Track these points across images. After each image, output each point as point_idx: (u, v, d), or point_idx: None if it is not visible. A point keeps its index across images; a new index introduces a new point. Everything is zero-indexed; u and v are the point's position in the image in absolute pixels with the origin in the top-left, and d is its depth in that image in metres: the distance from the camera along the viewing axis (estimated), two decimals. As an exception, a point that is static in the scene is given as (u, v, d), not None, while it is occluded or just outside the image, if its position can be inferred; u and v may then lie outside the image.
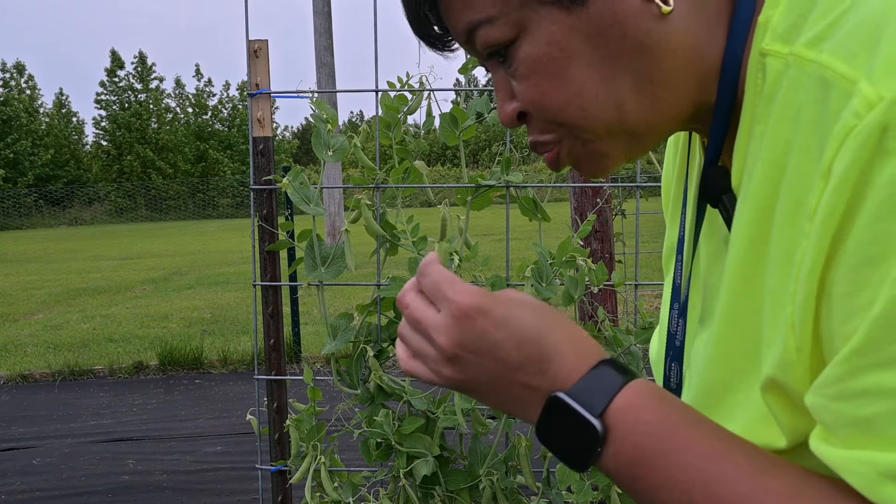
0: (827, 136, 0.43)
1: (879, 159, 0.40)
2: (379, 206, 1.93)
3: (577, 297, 1.81)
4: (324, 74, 13.08)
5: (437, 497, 1.83)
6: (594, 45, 0.55)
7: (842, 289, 0.43)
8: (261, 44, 2.01)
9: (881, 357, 0.41)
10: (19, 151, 35.27)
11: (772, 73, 0.51)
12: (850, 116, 0.41)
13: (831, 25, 0.46)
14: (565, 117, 0.58)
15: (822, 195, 0.43)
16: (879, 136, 0.40)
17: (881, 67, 0.41)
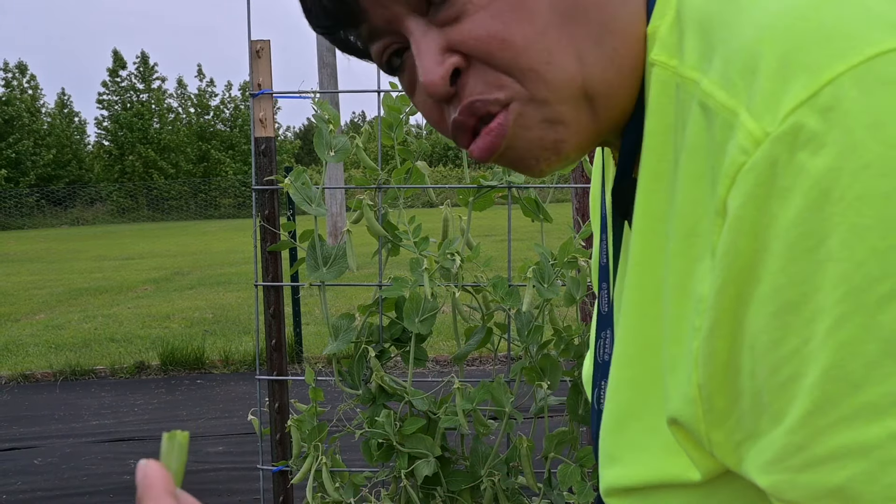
0: (716, 170, 0.42)
1: (777, 199, 0.39)
2: (381, 206, 1.93)
3: (579, 298, 1.81)
4: (326, 75, 13.08)
5: (439, 498, 1.83)
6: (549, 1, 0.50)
7: (765, 337, 0.40)
8: (263, 44, 2.02)
9: (843, 412, 0.37)
10: (21, 151, 35.32)
11: (657, 84, 0.49)
12: (738, 153, 0.40)
13: (709, 44, 0.45)
14: (528, 60, 0.50)
15: (720, 232, 0.42)
16: (770, 173, 0.39)
17: (761, 101, 0.40)
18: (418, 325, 1.82)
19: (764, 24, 0.42)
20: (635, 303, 0.52)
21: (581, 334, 1.84)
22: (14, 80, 38.38)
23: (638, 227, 0.52)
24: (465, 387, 1.82)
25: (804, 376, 0.38)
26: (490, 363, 5.64)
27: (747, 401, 0.42)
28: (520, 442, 1.80)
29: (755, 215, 0.40)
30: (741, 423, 0.43)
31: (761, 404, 0.41)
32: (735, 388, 0.43)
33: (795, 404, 0.39)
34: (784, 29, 0.41)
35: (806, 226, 0.38)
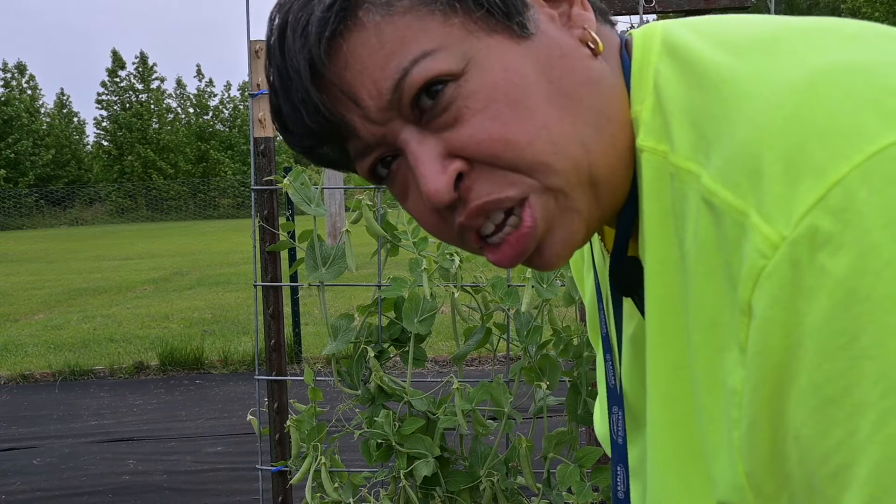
0: (733, 268, 0.43)
1: (803, 299, 0.40)
2: (380, 206, 1.93)
3: (578, 299, 1.81)
4: (325, 75, 13.08)
5: (438, 498, 1.83)
6: (548, 78, 0.52)
7: (809, 431, 0.41)
8: (262, 44, 2.01)
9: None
10: (20, 151, 35.30)
11: (648, 170, 0.50)
12: (757, 256, 0.41)
13: (703, 138, 0.46)
14: (534, 154, 0.50)
15: (748, 330, 0.43)
16: (793, 275, 0.40)
17: (771, 204, 0.41)
18: (417, 325, 1.82)
19: (759, 124, 0.43)
20: (658, 386, 0.53)
21: (580, 334, 1.84)
22: (13, 80, 38.39)
23: (651, 313, 0.53)
24: (464, 387, 1.82)
25: (856, 466, 0.39)
26: (489, 363, 5.64)
27: (798, 484, 0.43)
28: (519, 442, 1.80)
29: (783, 316, 0.41)
30: (794, 503, 0.44)
31: (814, 490, 0.42)
32: (783, 474, 0.44)
33: (850, 494, 0.40)
34: (780, 129, 0.42)
35: (836, 325, 0.39)
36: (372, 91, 0.51)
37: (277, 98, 0.54)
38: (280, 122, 0.55)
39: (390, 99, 0.51)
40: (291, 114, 0.53)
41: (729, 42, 0.49)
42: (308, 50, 0.51)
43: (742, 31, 0.50)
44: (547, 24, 0.54)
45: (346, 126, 0.53)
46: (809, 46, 0.45)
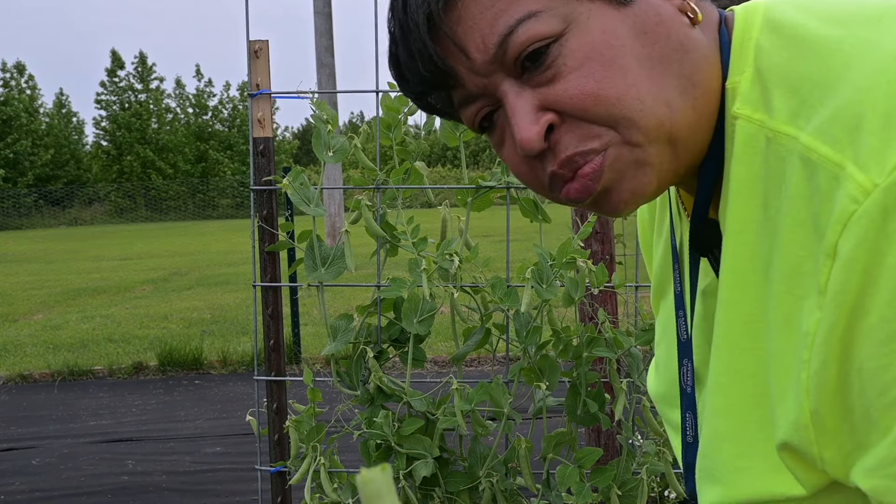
0: (823, 216, 0.47)
1: (886, 241, 0.44)
2: (379, 206, 1.92)
3: (578, 299, 1.81)
4: (324, 75, 13.08)
5: (437, 498, 1.83)
6: (642, 43, 0.55)
7: (872, 363, 0.45)
8: (261, 44, 2.01)
9: None
10: (19, 151, 35.26)
11: (742, 135, 0.54)
12: (848, 202, 0.45)
13: (804, 103, 0.50)
14: (622, 109, 0.55)
15: (829, 272, 0.47)
16: (882, 219, 0.44)
17: (867, 155, 0.45)
18: (417, 325, 1.82)
19: (863, 87, 0.47)
20: (727, 337, 0.57)
21: (580, 335, 1.84)
22: (12, 79, 38.34)
23: (727, 269, 0.57)
24: (463, 387, 1.82)
25: None
26: (489, 364, 5.64)
27: (858, 416, 0.48)
28: (518, 443, 1.80)
29: (866, 256, 0.45)
30: (852, 435, 0.49)
31: (870, 420, 0.47)
32: (845, 407, 0.49)
33: None
34: (883, 91, 0.46)
35: None
36: (479, 45, 0.56)
37: (396, 47, 0.60)
38: (397, 69, 0.61)
39: (495, 53, 0.56)
40: (408, 62, 0.59)
41: (833, 16, 0.53)
42: (427, 5, 0.56)
43: (845, 6, 0.54)
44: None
45: (455, 76, 0.58)
46: None
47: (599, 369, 1.95)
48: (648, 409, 1.92)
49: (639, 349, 1.86)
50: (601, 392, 1.86)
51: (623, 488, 1.84)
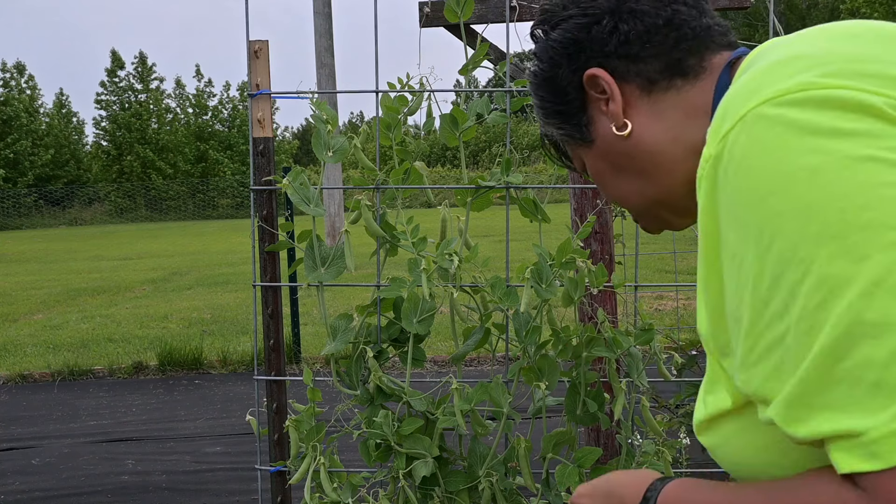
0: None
1: (717, 185, 0.64)
2: (379, 206, 1.93)
3: (577, 299, 1.81)
4: (324, 75, 13.07)
5: (437, 498, 1.83)
6: (607, 162, 0.87)
7: (729, 285, 0.64)
8: (261, 44, 2.01)
9: (764, 324, 0.60)
10: (19, 151, 35.22)
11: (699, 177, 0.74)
12: (699, 169, 0.67)
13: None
14: (620, 202, 0.91)
15: (698, 221, 0.68)
16: (713, 172, 0.64)
17: (710, 137, 0.66)
18: (416, 325, 1.82)
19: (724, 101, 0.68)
20: (699, 275, 0.75)
21: (579, 334, 1.84)
22: (12, 79, 38.30)
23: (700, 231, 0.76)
24: (463, 387, 1.82)
25: (743, 304, 0.61)
26: (488, 363, 5.64)
27: (731, 329, 0.64)
28: (518, 442, 1.80)
29: (707, 200, 0.66)
30: (734, 349, 0.64)
31: (733, 331, 0.64)
32: (724, 323, 0.66)
33: (742, 323, 0.62)
34: (728, 97, 0.67)
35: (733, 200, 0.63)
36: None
37: None
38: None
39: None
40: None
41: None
42: None
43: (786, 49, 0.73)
44: (601, 128, 0.85)
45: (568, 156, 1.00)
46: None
47: (599, 369, 1.95)
48: (648, 409, 1.92)
49: (638, 349, 1.86)
50: (601, 392, 1.86)
51: (622, 488, 1.84)
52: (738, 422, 0.68)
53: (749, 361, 0.61)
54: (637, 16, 0.82)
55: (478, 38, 2.21)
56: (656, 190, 0.84)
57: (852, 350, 0.54)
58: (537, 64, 0.89)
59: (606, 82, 0.83)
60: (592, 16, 0.84)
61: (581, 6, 0.85)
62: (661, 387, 3.94)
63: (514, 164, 1.90)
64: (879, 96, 0.59)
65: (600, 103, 0.85)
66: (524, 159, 2.03)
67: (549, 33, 0.88)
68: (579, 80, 0.85)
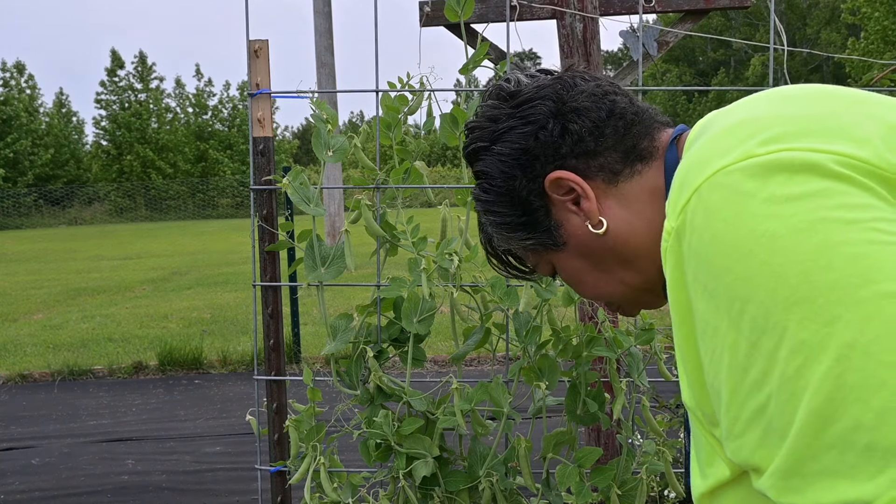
0: None
1: (682, 259, 0.65)
2: (379, 206, 1.92)
3: (578, 299, 1.81)
4: (324, 74, 13.07)
5: (437, 498, 1.83)
6: (584, 260, 0.87)
7: (705, 360, 0.64)
8: (261, 44, 2.01)
9: (741, 396, 0.59)
10: (19, 151, 35.22)
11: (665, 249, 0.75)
12: (664, 243, 0.67)
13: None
14: (598, 298, 0.93)
15: (667, 296, 0.68)
16: (678, 245, 0.65)
17: (669, 210, 0.67)
18: (416, 325, 1.82)
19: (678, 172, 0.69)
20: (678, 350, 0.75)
21: (579, 334, 1.84)
22: (12, 79, 38.30)
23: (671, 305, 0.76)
24: (463, 387, 1.82)
25: (721, 373, 0.61)
26: (488, 363, 5.64)
27: (713, 399, 0.64)
28: (518, 442, 1.80)
29: (674, 273, 0.66)
30: (719, 419, 0.63)
31: (715, 402, 0.63)
32: (706, 392, 0.65)
33: (723, 393, 0.61)
34: (684, 168, 0.68)
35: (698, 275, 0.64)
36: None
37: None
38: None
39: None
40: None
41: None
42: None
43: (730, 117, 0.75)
44: (572, 228, 0.85)
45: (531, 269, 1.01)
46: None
47: (599, 369, 1.95)
48: (648, 409, 1.92)
49: (638, 349, 1.86)
50: (601, 391, 1.86)
51: (623, 488, 1.84)
52: (740, 490, 0.67)
53: (735, 432, 0.60)
54: (582, 113, 0.83)
55: (478, 38, 2.20)
56: (640, 277, 0.85)
57: (838, 414, 0.53)
58: (488, 182, 0.88)
59: (575, 182, 0.82)
60: (535, 122, 0.84)
61: (518, 117, 0.85)
62: (662, 386, 3.93)
63: (515, 163, 1.89)
64: (823, 153, 0.60)
65: (566, 204, 0.84)
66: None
67: (490, 149, 0.87)
68: (540, 187, 0.84)
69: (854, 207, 0.57)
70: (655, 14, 3.51)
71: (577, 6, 2.44)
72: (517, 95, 0.86)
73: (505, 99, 0.87)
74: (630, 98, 0.87)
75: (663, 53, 3.31)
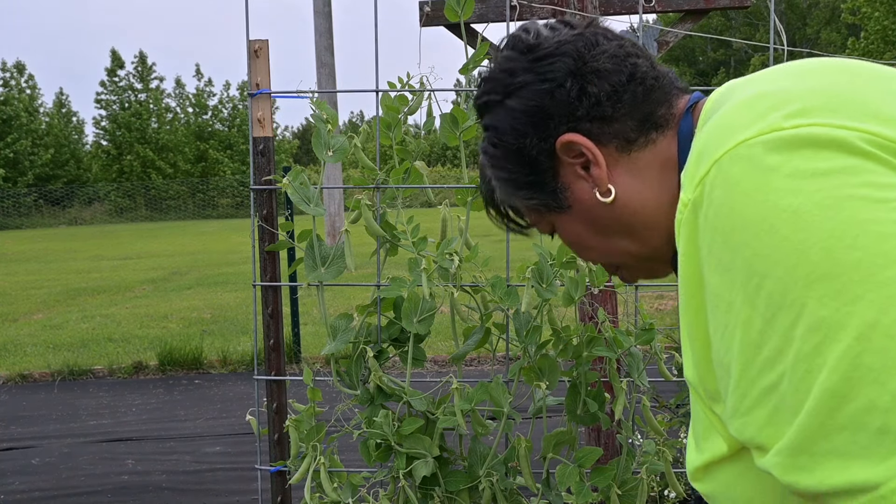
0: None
1: (697, 231, 0.63)
2: (379, 206, 1.92)
3: (578, 298, 1.81)
4: (324, 74, 13.07)
5: (437, 498, 1.83)
6: (587, 226, 0.84)
7: (714, 332, 0.63)
8: (261, 44, 2.01)
9: (752, 374, 0.59)
10: (19, 151, 35.22)
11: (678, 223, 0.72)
12: (678, 215, 0.66)
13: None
14: (601, 262, 0.92)
15: (678, 267, 0.67)
16: (693, 218, 0.63)
17: (686, 182, 0.65)
18: (416, 325, 1.82)
19: (698, 144, 0.67)
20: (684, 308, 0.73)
21: (580, 334, 1.84)
22: (12, 79, 38.30)
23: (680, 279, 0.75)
24: (463, 387, 1.82)
25: (732, 350, 0.60)
26: (488, 363, 5.64)
27: (719, 376, 0.63)
28: (518, 442, 1.80)
29: (688, 246, 0.64)
30: (722, 394, 0.63)
31: (722, 378, 0.62)
32: (712, 370, 0.65)
33: (732, 370, 0.60)
34: (703, 140, 0.66)
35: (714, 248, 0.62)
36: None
37: None
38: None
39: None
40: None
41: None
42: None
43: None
44: (579, 192, 0.83)
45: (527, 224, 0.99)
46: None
47: (599, 369, 1.95)
48: (648, 409, 1.92)
49: (639, 349, 1.86)
50: (601, 391, 1.86)
51: (623, 488, 1.84)
52: (736, 466, 0.67)
53: (742, 409, 0.60)
54: (602, 76, 0.79)
55: (478, 38, 2.20)
56: (645, 247, 0.83)
57: (853, 395, 0.52)
58: (497, 136, 0.84)
59: (586, 148, 0.79)
60: (552, 80, 0.80)
61: (535, 72, 0.81)
62: (662, 386, 3.94)
63: (515, 163, 1.89)
64: (850, 130, 0.58)
65: (575, 168, 0.82)
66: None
67: (503, 103, 0.83)
68: (551, 147, 0.81)
69: (881, 186, 0.56)
70: (655, 14, 3.52)
71: (577, 6, 2.44)
72: (536, 49, 0.82)
73: (523, 51, 0.82)
74: (651, 61, 0.83)
75: (663, 53, 3.31)
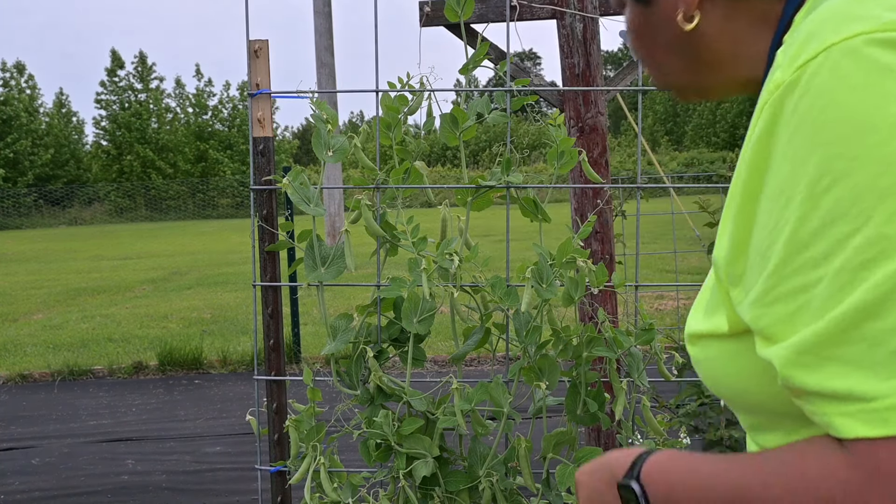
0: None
1: (781, 116, 0.59)
2: (379, 206, 1.92)
3: (578, 298, 1.81)
4: (324, 74, 13.07)
5: (437, 498, 1.83)
6: (657, 33, 0.77)
7: (763, 218, 0.61)
8: (261, 44, 2.01)
9: (797, 265, 0.57)
10: (19, 151, 35.21)
11: (764, 94, 0.67)
12: (767, 95, 0.61)
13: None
14: (654, 74, 0.84)
15: (749, 146, 0.63)
16: (781, 102, 0.59)
17: (787, 63, 0.60)
18: (416, 325, 1.82)
19: (810, 25, 0.62)
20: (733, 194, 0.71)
21: (579, 334, 1.84)
22: (12, 79, 38.27)
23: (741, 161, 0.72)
24: (463, 387, 1.82)
25: (777, 243, 0.58)
26: (488, 363, 5.64)
27: (751, 263, 0.62)
28: (518, 442, 1.80)
29: (768, 128, 0.60)
30: (746, 280, 0.63)
31: (755, 266, 0.61)
32: (746, 255, 0.63)
33: (770, 262, 0.59)
34: (817, 20, 0.61)
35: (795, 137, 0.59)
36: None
37: None
38: None
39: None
40: None
41: None
42: None
43: None
44: (667, 2, 0.75)
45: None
46: None
47: (599, 369, 1.95)
48: (648, 409, 1.92)
49: (639, 349, 1.86)
50: (601, 392, 1.86)
51: (623, 488, 1.84)
52: (731, 346, 0.67)
53: (766, 300, 0.59)
54: None
55: (478, 38, 2.20)
56: (697, 79, 0.78)
57: (884, 314, 0.53)
58: None
59: None
60: None
61: None
62: (662, 387, 3.94)
63: (515, 163, 1.90)
64: None
65: None
66: (524, 159, 2.03)
67: None
68: None
69: None
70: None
71: (577, 6, 2.44)
72: None
73: None
74: None
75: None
